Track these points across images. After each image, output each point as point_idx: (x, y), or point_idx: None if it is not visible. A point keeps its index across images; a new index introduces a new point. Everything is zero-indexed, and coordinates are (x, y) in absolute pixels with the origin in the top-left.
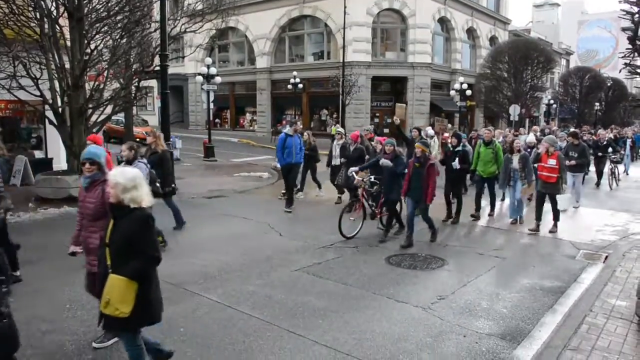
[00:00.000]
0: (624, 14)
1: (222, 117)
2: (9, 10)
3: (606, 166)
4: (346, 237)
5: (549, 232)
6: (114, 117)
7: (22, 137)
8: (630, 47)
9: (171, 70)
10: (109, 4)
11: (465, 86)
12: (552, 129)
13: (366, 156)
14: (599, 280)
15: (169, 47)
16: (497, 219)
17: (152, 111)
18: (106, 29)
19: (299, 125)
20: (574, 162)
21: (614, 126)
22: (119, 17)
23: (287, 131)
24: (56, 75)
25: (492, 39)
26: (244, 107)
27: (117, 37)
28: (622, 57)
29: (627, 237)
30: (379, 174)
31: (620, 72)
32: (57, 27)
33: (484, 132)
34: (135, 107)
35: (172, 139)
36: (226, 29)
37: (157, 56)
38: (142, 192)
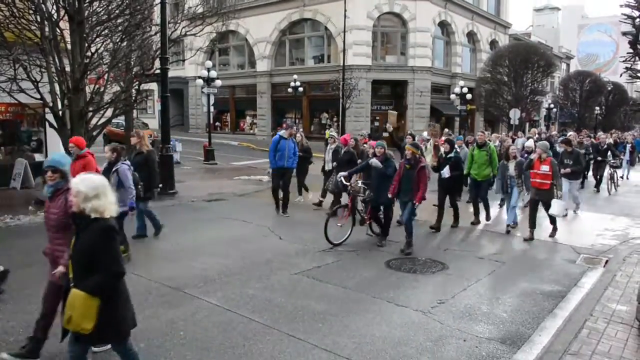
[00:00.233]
0: (625, 18)
1: (222, 121)
2: (9, 13)
3: (605, 171)
4: (333, 243)
5: (549, 237)
6: (114, 121)
7: (23, 140)
8: (631, 51)
9: (171, 73)
10: (110, 7)
11: (465, 90)
12: (552, 133)
13: (358, 160)
14: (599, 284)
15: (170, 50)
16: (496, 224)
17: (153, 114)
18: (107, 32)
19: (294, 129)
20: (569, 170)
21: (614, 130)
22: (119, 20)
23: (282, 134)
24: (56, 78)
25: (493, 43)
26: (244, 111)
27: (118, 40)
28: (622, 61)
29: (628, 242)
30: (369, 178)
31: (620, 76)
32: (58, 30)
33: (477, 134)
34: (135, 111)
35: (172, 142)
36: (226, 32)
37: (158, 59)
38: (104, 202)
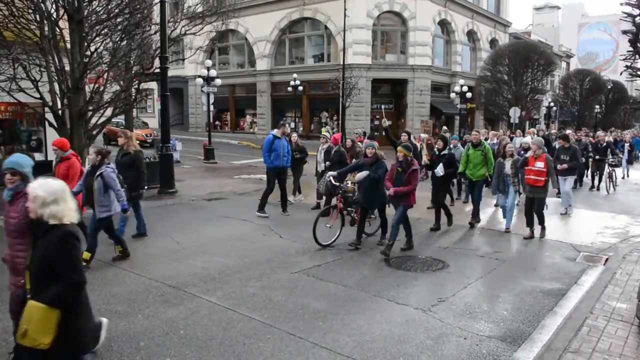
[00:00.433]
0: (625, 16)
1: (222, 120)
2: (8, 12)
3: (605, 169)
4: (322, 245)
5: (540, 239)
6: (114, 120)
7: (22, 140)
8: (631, 49)
9: (171, 72)
10: (109, 7)
11: (465, 89)
12: (551, 132)
13: (354, 160)
14: (599, 282)
15: (169, 50)
16: (497, 223)
17: (152, 113)
18: (106, 31)
19: (287, 127)
20: (566, 166)
21: (613, 129)
22: (119, 20)
23: (275, 133)
24: (56, 77)
25: (493, 42)
26: (244, 110)
27: (117, 40)
28: (622, 60)
29: (628, 240)
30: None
31: (620, 74)
32: (57, 29)
33: (472, 134)
34: (135, 110)
35: (172, 141)
36: (226, 31)
37: (157, 58)
38: (63, 207)
